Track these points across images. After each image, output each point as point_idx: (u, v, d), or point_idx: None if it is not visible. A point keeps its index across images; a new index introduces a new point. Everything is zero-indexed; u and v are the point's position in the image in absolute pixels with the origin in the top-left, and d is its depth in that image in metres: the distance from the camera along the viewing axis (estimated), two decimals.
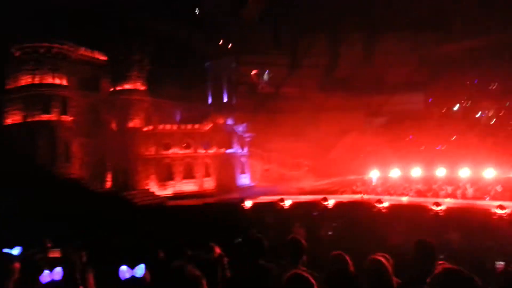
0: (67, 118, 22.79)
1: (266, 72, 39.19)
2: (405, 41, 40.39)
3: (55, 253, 3.94)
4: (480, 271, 4.69)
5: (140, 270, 3.87)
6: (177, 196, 24.15)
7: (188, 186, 25.99)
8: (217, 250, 5.25)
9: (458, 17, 38.77)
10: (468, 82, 38.06)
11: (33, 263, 3.87)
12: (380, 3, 38.96)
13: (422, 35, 39.75)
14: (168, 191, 24.94)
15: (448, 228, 9.72)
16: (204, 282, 2.33)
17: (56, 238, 5.82)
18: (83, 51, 24.77)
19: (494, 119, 34.59)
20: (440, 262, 3.79)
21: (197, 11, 38.00)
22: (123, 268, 3.90)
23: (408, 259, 4.70)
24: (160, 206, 20.23)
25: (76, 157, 23.06)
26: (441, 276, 2.26)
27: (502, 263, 6.23)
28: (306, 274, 2.81)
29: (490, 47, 35.87)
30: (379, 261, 3.61)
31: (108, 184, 24.54)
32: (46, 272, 3.36)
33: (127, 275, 3.91)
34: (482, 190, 16.37)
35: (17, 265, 2.94)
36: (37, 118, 21.88)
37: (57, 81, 22.65)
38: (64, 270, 3.37)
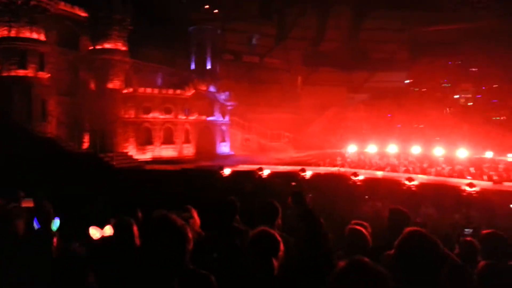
0: (44, 74, 22.07)
1: (254, 37, 38.51)
2: (393, 19, 40.34)
3: (28, 203, 3.89)
4: (447, 241, 4.91)
5: (108, 230, 3.87)
6: (156, 160, 24.07)
7: (167, 152, 25.88)
8: (194, 212, 5.28)
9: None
10: (450, 63, 38.52)
11: (6, 211, 3.82)
12: None
13: (410, 14, 39.74)
14: (147, 156, 24.79)
15: (419, 202, 10.07)
16: (189, 229, 2.35)
17: (29, 193, 5.75)
18: (63, 6, 23.76)
19: (472, 102, 35.35)
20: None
21: None
22: (92, 228, 3.91)
23: (381, 229, 4.87)
24: (138, 170, 20.14)
25: (53, 116, 22.50)
26: (406, 238, 2.33)
27: (470, 230, 6.68)
28: (272, 231, 2.85)
29: (475, 31, 36.21)
30: (358, 229, 3.74)
31: (85, 145, 24.17)
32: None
33: (98, 235, 3.92)
34: (456, 170, 16.93)
35: None
36: (12, 73, 21.11)
37: (34, 35, 21.76)
38: (38, 219, 3.35)
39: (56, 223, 3.37)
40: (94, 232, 3.94)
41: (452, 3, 38.43)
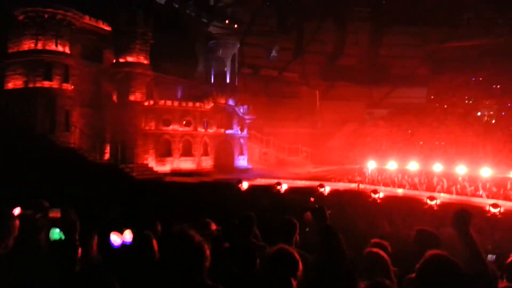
0: (68, 86, 22.64)
1: (274, 49, 38.71)
2: (412, 35, 40.11)
3: (55, 213, 3.96)
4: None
5: (127, 235, 3.87)
6: (175, 173, 24.22)
7: (186, 164, 26.04)
8: (213, 226, 5.27)
9: (466, 14, 38.43)
10: (473, 79, 37.91)
11: (33, 222, 3.89)
12: None
13: (429, 30, 39.46)
14: (166, 167, 24.99)
15: (442, 222, 9.82)
16: (207, 246, 2.34)
17: (54, 203, 5.84)
18: (88, 20, 24.47)
19: (494, 120, 34.60)
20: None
21: None
22: (113, 235, 3.92)
23: (402, 248, 4.75)
24: (158, 181, 20.29)
25: (76, 126, 23.00)
26: (428, 262, 2.29)
27: (493, 256, 6.35)
28: (291, 250, 2.82)
29: (496, 47, 35.70)
30: (377, 251, 3.65)
31: (107, 156, 24.56)
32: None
33: (118, 242, 3.94)
34: (478, 188, 16.51)
35: (17, 222, 2.95)
36: (38, 84, 21.72)
37: (60, 48, 22.41)
38: (64, 231, 3.39)
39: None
40: (115, 239, 3.96)
41: (468, 19, 38.09)
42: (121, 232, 4.01)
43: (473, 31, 36.99)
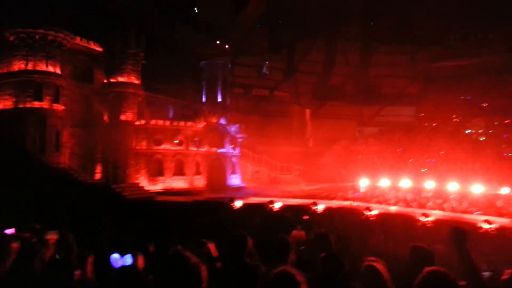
0: (59, 106, 22.54)
1: (265, 64, 39.05)
2: (401, 54, 40.90)
3: (52, 235, 3.90)
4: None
5: (128, 258, 3.84)
6: (167, 192, 24.02)
7: (178, 183, 25.87)
8: (211, 246, 5.20)
9: (453, 35, 39.41)
10: (462, 97, 38.61)
11: (30, 244, 3.83)
12: (379, 16, 39.33)
13: (418, 50, 40.32)
14: (158, 187, 24.79)
15: (435, 238, 9.83)
16: (204, 268, 2.31)
17: (44, 224, 5.75)
18: (79, 41, 24.58)
19: (484, 137, 35.08)
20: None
21: (195, 9, 37.95)
22: (115, 256, 3.87)
23: (397, 266, 4.73)
24: (150, 201, 20.06)
25: (66, 146, 22.82)
26: (426, 278, 2.29)
27: (488, 273, 6.34)
28: (294, 271, 2.79)
29: (484, 66, 36.52)
30: (375, 267, 3.62)
31: (98, 176, 24.32)
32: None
33: (119, 263, 3.88)
34: (472, 204, 16.59)
35: (14, 245, 2.90)
36: (28, 105, 21.60)
37: (50, 68, 22.41)
38: (60, 253, 3.33)
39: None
40: (116, 260, 3.90)
41: (456, 39, 39.03)
42: (123, 254, 3.96)
43: (461, 50, 37.89)
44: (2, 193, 13.57)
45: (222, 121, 29.86)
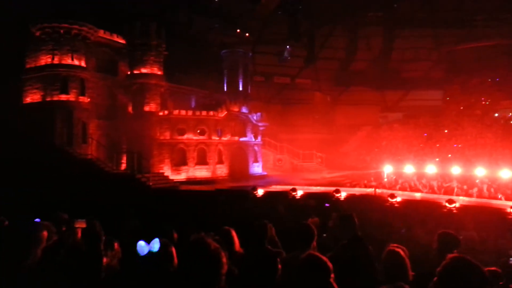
0: (84, 99, 23.07)
1: (286, 49, 38.64)
2: (424, 37, 39.66)
3: (80, 224, 4.03)
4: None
5: (156, 244, 3.89)
6: (190, 181, 24.38)
7: (201, 172, 26.19)
8: (233, 233, 5.27)
9: (480, 15, 37.85)
10: (489, 80, 37.30)
11: (60, 233, 3.98)
12: None
13: (442, 32, 38.96)
14: (181, 176, 25.17)
15: (461, 225, 9.66)
16: (224, 254, 2.36)
17: (72, 214, 5.94)
18: (102, 34, 24.94)
19: None
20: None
21: None
22: (141, 243, 3.95)
23: (422, 253, 4.70)
24: (174, 190, 20.44)
25: (93, 138, 23.39)
26: (449, 265, 2.26)
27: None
28: (322, 257, 2.81)
29: (511, 47, 35.13)
30: (398, 252, 3.62)
31: (123, 166, 24.87)
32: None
33: (145, 250, 3.96)
34: (498, 190, 16.18)
35: (45, 233, 3.03)
36: (55, 98, 22.18)
37: (75, 62, 22.88)
38: (87, 241, 3.45)
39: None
40: (143, 247, 3.98)
41: (482, 20, 37.44)
42: (149, 241, 4.03)
43: (487, 31, 36.43)
44: (32, 185, 14.10)
45: (244, 109, 29.91)
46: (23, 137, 19.34)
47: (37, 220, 4.12)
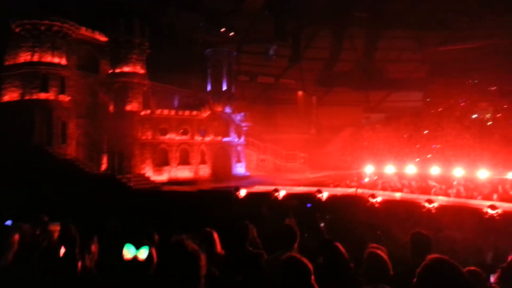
0: (64, 97, 22.66)
1: (272, 47, 38.65)
2: (408, 39, 40.27)
3: (56, 227, 3.96)
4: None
5: (144, 252, 3.83)
6: (172, 182, 24.20)
7: (184, 173, 26.03)
8: (214, 234, 5.26)
9: (462, 18, 38.63)
10: (469, 81, 38.12)
11: (33, 236, 3.90)
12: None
13: (425, 34, 39.62)
14: (163, 177, 24.96)
15: (440, 224, 9.84)
16: (203, 256, 2.36)
17: (51, 215, 5.84)
18: (84, 31, 24.55)
19: (490, 122, 34.76)
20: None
21: None
22: (129, 245, 3.88)
23: (400, 252, 4.77)
24: (155, 191, 20.24)
25: (73, 138, 22.99)
26: (429, 266, 2.28)
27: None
28: (303, 259, 2.83)
29: (492, 49, 35.94)
30: (379, 254, 3.67)
31: (104, 166, 24.52)
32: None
33: (131, 255, 3.90)
34: (475, 190, 16.54)
35: (16, 237, 2.97)
36: (34, 96, 21.72)
37: (56, 59, 22.46)
38: (64, 244, 3.39)
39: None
40: (129, 251, 3.90)
41: (465, 22, 38.21)
42: (139, 247, 3.94)
43: (469, 33, 37.21)
44: (9, 185, 13.77)
45: (227, 109, 29.85)
46: (0, 137, 18.88)
47: (8, 222, 4.03)
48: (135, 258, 3.78)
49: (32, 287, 2.85)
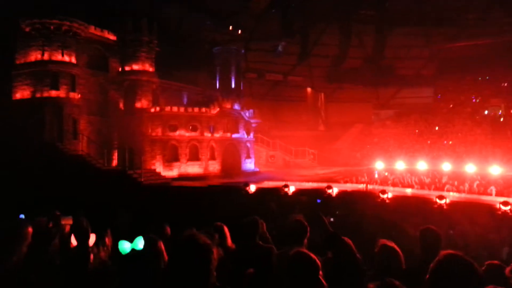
0: (75, 95, 22.87)
1: (281, 44, 38.48)
2: (417, 35, 39.82)
3: (67, 220, 4.00)
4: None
5: (139, 242, 3.87)
6: (182, 177, 24.30)
7: (193, 168, 26.11)
8: (225, 228, 5.28)
9: (471, 14, 38.09)
10: (479, 78, 37.66)
11: (46, 229, 3.94)
12: None
13: (434, 30, 39.14)
14: (173, 172, 25.08)
15: (452, 220, 9.75)
16: (215, 250, 2.36)
17: (62, 210, 5.90)
18: (93, 30, 24.71)
19: (502, 118, 34.30)
20: None
21: None
22: (121, 242, 3.93)
23: (410, 249, 4.73)
24: (165, 186, 20.36)
25: (83, 134, 23.21)
26: (443, 262, 2.23)
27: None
28: (311, 254, 2.81)
29: (503, 45, 35.43)
30: (392, 247, 3.63)
31: (114, 162, 24.73)
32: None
33: (127, 249, 3.94)
34: (489, 185, 16.37)
35: (30, 229, 2.99)
36: (45, 94, 21.95)
37: (66, 58, 22.65)
38: (76, 237, 3.42)
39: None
40: (124, 247, 3.97)
41: (473, 18, 37.68)
42: (132, 240, 4.02)
43: (479, 30, 36.71)
44: (22, 181, 13.95)
45: (236, 106, 29.86)
46: (12, 133, 19.13)
47: (21, 216, 4.07)
48: (133, 250, 3.82)
49: (47, 279, 2.87)
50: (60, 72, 22.26)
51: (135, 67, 26.03)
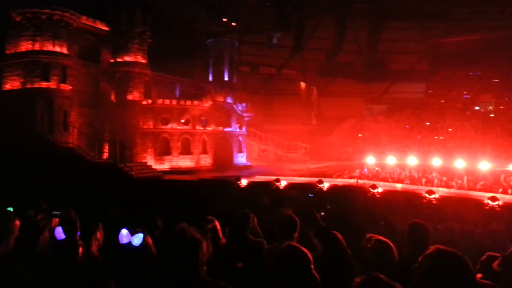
0: (66, 86, 22.64)
1: (274, 36, 38.27)
2: (411, 30, 39.84)
3: (57, 213, 3.98)
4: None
5: (137, 239, 3.86)
6: (174, 171, 24.25)
7: (185, 162, 26.07)
8: (216, 223, 5.30)
9: (467, 8, 38.14)
10: (471, 74, 37.89)
11: (34, 222, 3.92)
12: None
13: (428, 25, 39.18)
14: (165, 166, 25.02)
15: (441, 215, 9.88)
16: (205, 244, 2.37)
17: (52, 203, 5.87)
18: (85, 20, 24.42)
19: (493, 114, 34.62)
20: None
21: None
22: (124, 231, 3.91)
23: (399, 243, 4.79)
24: (157, 179, 20.32)
25: (74, 126, 23.03)
26: (433, 256, 2.22)
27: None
28: (302, 248, 2.83)
29: (495, 41, 35.64)
30: (385, 242, 3.66)
31: (105, 155, 24.58)
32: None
33: (125, 240, 3.93)
34: (479, 181, 16.56)
35: (17, 222, 2.98)
36: (36, 85, 21.70)
37: (57, 48, 22.39)
38: (65, 230, 3.42)
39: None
40: (124, 236, 3.93)
41: (469, 13, 37.75)
42: (133, 233, 3.96)
43: (473, 25, 36.84)
44: (11, 172, 13.83)
45: (229, 100, 29.80)
46: (2, 124, 18.91)
47: (9, 209, 4.05)
48: (129, 244, 3.81)
49: (34, 272, 2.87)
50: (51, 62, 22.00)
51: (127, 58, 25.81)
